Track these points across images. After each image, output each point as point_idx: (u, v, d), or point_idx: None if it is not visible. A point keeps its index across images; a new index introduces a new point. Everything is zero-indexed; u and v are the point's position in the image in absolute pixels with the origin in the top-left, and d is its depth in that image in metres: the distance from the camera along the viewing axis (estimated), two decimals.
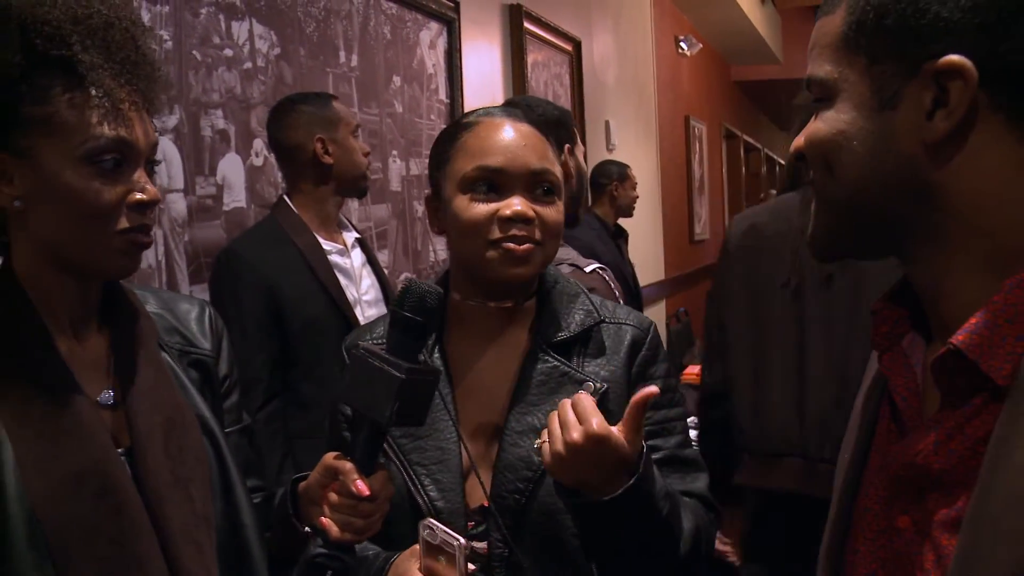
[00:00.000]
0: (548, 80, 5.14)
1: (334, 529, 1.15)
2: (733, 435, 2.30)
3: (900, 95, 0.78)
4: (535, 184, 1.35)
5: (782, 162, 18.13)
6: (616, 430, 1.15)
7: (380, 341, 1.43)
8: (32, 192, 1.09)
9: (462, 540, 1.19)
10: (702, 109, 9.72)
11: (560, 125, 2.17)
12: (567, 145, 2.19)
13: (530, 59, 4.80)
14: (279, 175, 2.81)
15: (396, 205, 3.56)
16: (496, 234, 1.32)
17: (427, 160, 3.78)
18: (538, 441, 1.20)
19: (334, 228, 2.62)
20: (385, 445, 1.33)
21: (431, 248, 3.83)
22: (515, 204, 1.32)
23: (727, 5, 8.69)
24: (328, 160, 2.53)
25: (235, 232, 2.64)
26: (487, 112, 1.41)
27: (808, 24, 8.79)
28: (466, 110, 4.05)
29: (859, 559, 0.88)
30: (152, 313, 1.27)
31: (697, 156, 9.25)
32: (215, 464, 1.22)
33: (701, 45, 8.92)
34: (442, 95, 3.95)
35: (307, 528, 1.25)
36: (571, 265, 2.19)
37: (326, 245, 2.53)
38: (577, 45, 5.56)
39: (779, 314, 2.22)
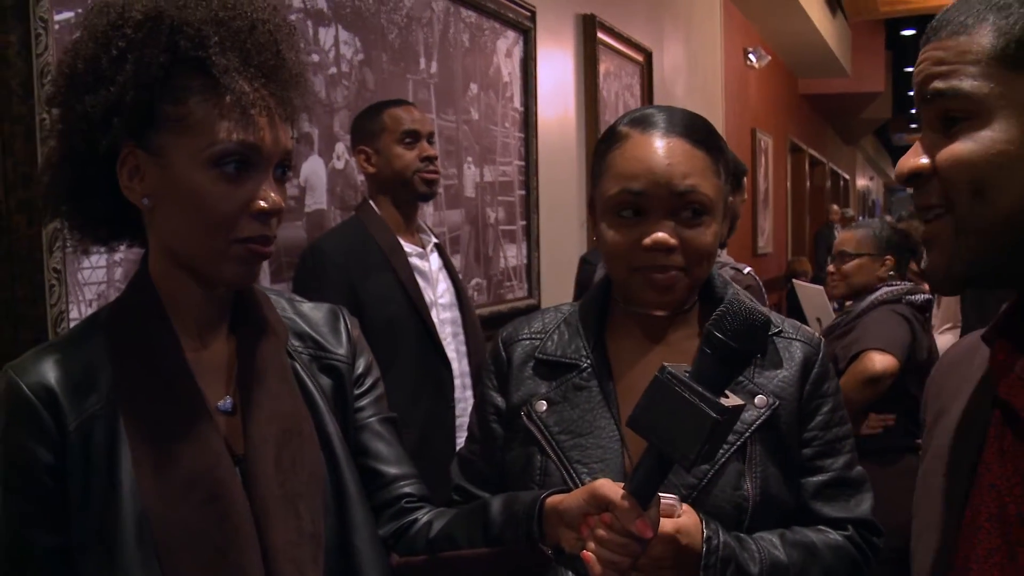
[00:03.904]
0: (619, 90, 5.16)
1: (597, 567, 1.08)
2: None
3: None
4: (681, 207, 1.28)
5: (846, 176, 17.89)
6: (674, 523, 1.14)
7: (537, 336, 1.41)
8: (159, 191, 1.09)
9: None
10: (768, 122, 9.64)
11: (732, 173, 2.41)
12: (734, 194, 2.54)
13: (602, 68, 4.82)
14: (359, 178, 2.86)
15: (470, 211, 3.60)
16: (637, 262, 1.28)
17: (501, 167, 3.84)
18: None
19: (413, 231, 2.66)
20: (542, 439, 1.32)
21: (502, 254, 3.86)
22: (656, 233, 1.26)
23: (798, 17, 8.62)
24: (370, 170, 2.59)
25: (315, 233, 2.70)
26: (640, 120, 1.33)
27: (878, 38, 8.69)
28: (539, 119, 4.08)
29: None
30: (284, 319, 1.25)
31: (762, 169, 9.19)
32: (330, 482, 1.17)
33: (770, 57, 8.86)
34: (516, 103, 3.98)
35: (549, 550, 1.17)
36: (732, 268, 2.42)
37: (406, 247, 2.58)
38: (648, 55, 5.57)
39: None
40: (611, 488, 1.10)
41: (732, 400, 1.06)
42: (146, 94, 1.05)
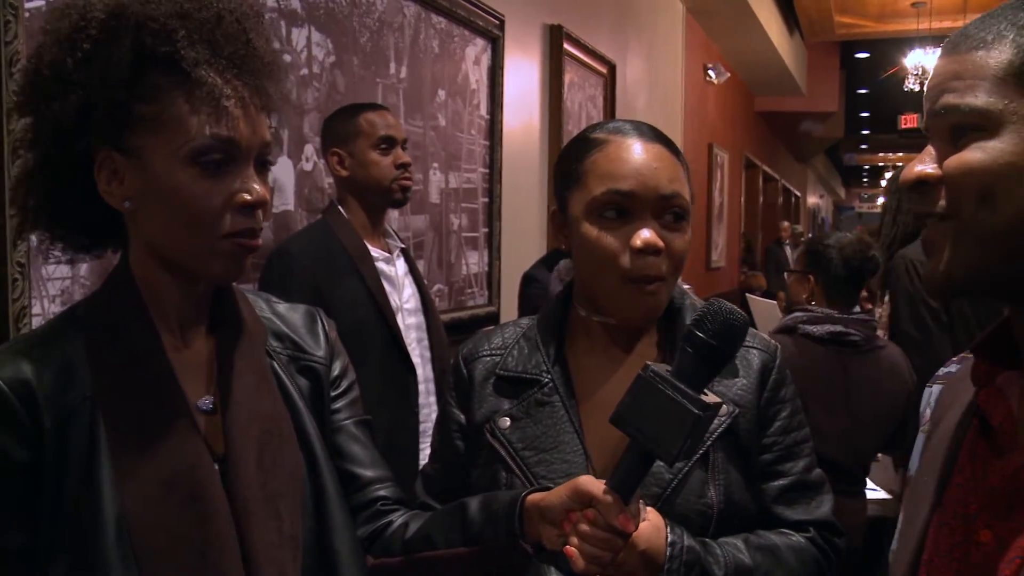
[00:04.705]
0: (583, 101, 5.19)
1: (580, 562, 1.10)
2: None
3: None
4: (664, 209, 1.30)
5: (798, 194, 18.17)
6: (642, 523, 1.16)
7: (497, 352, 1.41)
8: (141, 192, 1.07)
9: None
10: (725, 138, 9.77)
11: None
12: None
13: (567, 79, 4.85)
14: (327, 180, 2.85)
15: (434, 217, 3.60)
16: (627, 265, 1.28)
17: (465, 174, 3.84)
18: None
19: (380, 236, 2.66)
20: (506, 456, 1.32)
21: (464, 261, 3.86)
22: (644, 234, 1.27)
23: (757, 35, 8.76)
24: (343, 173, 2.57)
25: (283, 234, 2.68)
26: (617, 128, 1.35)
27: (833, 59, 8.92)
28: (504, 127, 4.09)
29: (932, 570, 0.91)
30: (263, 318, 1.24)
31: (718, 184, 9.30)
32: (309, 482, 1.17)
33: (729, 74, 8.98)
34: (483, 111, 3.99)
35: (530, 547, 1.18)
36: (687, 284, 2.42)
37: (373, 251, 2.57)
38: (612, 68, 5.62)
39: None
40: (593, 484, 1.12)
41: (712, 398, 1.10)
42: (117, 95, 1.03)
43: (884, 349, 2.90)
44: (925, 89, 0.91)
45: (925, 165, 0.88)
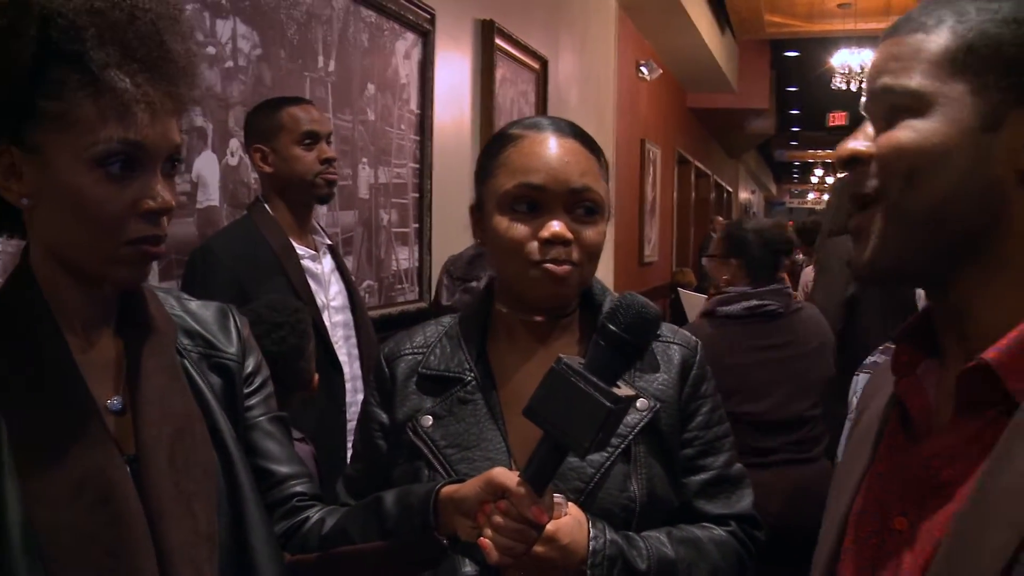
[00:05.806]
0: (515, 97, 5.19)
1: (494, 554, 1.11)
2: None
3: (1003, 120, 0.81)
4: (575, 203, 1.31)
5: (730, 189, 18.43)
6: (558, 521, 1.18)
7: (419, 351, 1.41)
8: (39, 191, 1.03)
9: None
10: (658, 133, 9.86)
11: None
12: None
13: (499, 74, 4.85)
14: (252, 175, 2.81)
15: (363, 212, 3.57)
16: (536, 255, 1.29)
17: (395, 169, 3.81)
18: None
19: (306, 233, 2.63)
20: (429, 454, 1.32)
21: (394, 257, 3.84)
22: (553, 226, 1.29)
23: (688, 33, 8.85)
24: (267, 169, 2.54)
25: (207, 230, 2.64)
26: (534, 124, 1.37)
27: (764, 57, 9.04)
28: (435, 122, 4.08)
29: (849, 558, 0.93)
30: (173, 316, 1.21)
31: (650, 179, 9.38)
32: (224, 481, 1.15)
33: (661, 71, 9.06)
34: (413, 106, 3.97)
35: (445, 539, 1.18)
36: None
37: (299, 249, 2.54)
38: (544, 64, 5.63)
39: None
40: (507, 475, 1.13)
41: (625, 390, 1.11)
42: (18, 89, 0.99)
43: (802, 310, 3.12)
44: (868, 70, 0.92)
45: (858, 142, 0.88)
